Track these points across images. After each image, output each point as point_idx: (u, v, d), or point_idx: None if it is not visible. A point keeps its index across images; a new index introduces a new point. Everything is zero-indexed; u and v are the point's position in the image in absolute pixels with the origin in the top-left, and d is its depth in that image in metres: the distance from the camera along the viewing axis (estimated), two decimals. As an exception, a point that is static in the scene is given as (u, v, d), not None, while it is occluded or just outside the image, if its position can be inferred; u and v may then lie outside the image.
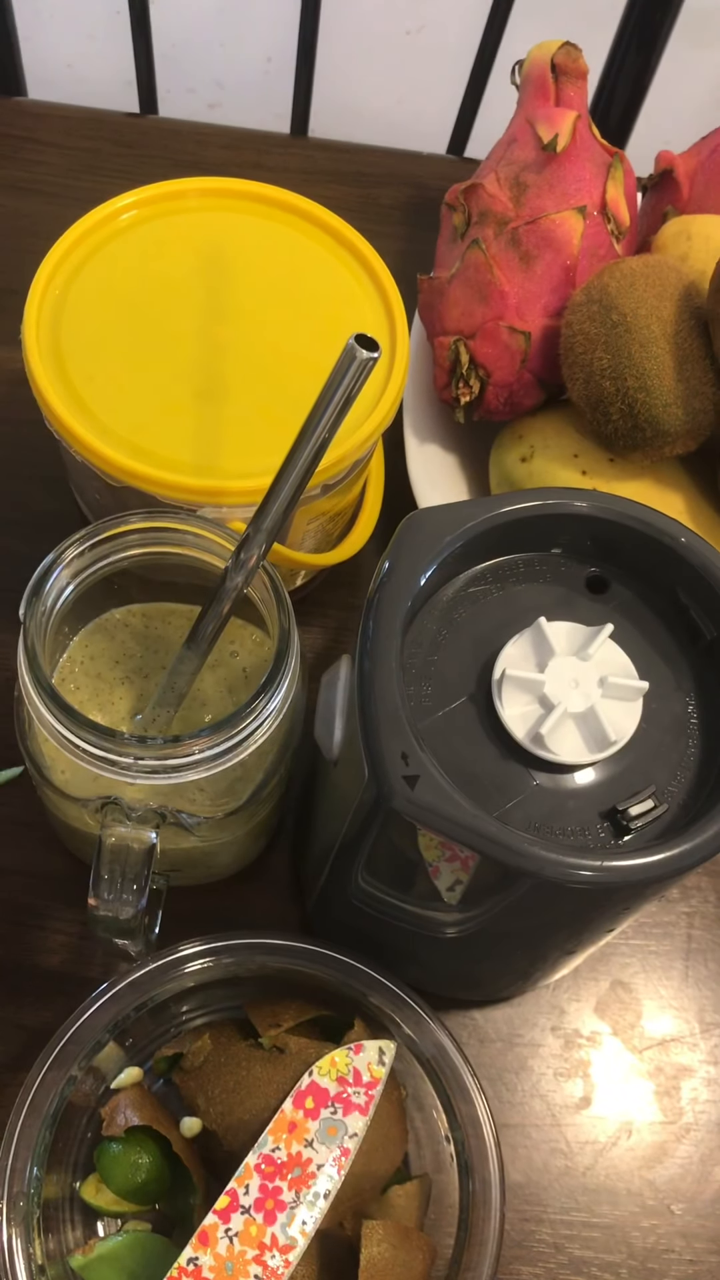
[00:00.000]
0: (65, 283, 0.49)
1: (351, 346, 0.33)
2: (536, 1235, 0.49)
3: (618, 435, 0.52)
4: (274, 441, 0.44)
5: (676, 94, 0.83)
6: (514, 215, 0.55)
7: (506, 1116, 0.50)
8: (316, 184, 0.72)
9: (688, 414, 0.50)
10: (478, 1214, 0.41)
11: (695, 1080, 0.52)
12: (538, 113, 0.57)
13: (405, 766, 0.34)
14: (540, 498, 0.40)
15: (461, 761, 0.37)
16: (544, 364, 0.55)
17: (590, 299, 0.52)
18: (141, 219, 0.52)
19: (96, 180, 0.71)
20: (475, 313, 0.55)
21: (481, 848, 0.34)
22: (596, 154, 0.56)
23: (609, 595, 0.41)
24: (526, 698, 0.37)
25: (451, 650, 0.39)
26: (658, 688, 0.39)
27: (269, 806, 0.47)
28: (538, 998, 0.53)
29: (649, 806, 0.37)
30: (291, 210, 0.53)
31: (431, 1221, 0.45)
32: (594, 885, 0.34)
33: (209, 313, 0.50)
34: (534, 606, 0.39)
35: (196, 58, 1.12)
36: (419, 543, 0.38)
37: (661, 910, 0.55)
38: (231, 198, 0.53)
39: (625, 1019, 0.53)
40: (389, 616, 0.37)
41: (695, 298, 0.51)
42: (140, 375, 0.48)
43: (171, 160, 0.73)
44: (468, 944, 0.42)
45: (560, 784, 0.37)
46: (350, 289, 0.51)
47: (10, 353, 0.50)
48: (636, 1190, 0.50)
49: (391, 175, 0.74)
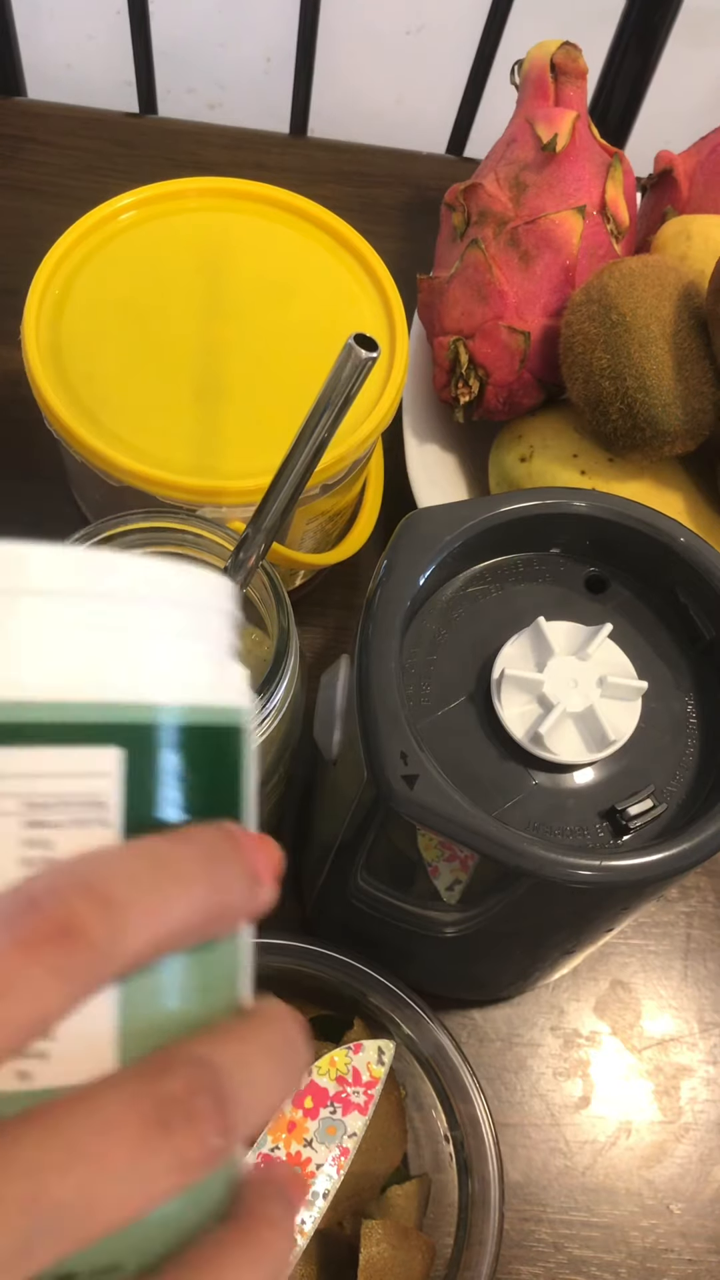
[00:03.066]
0: (65, 283, 0.49)
1: (351, 346, 0.33)
2: (536, 1235, 0.49)
3: (617, 435, 0.52)
4: (273, 441, 0.44)
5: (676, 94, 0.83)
6: (513, 215, 0.55)
7: (506, 1116, 0.50)
8: (316, 184, 0.72)
9: (687, 414, 0.50)
10: (477, 1214, 0.41)
11: (694, 1080, 0.52)
12: (537, 112, 0.57)
13: (404, 766, 0.34)
14: (539, 498, 0.40)
15: (460, 761, 0.37)
16: (543, 364, 0.55)
17: (590, 299, 0.52)
18: (141, 219, 0.52)
19: (96, 180, 0.71)
20: (475, 312, 0.55)
21: (481, 847, 0.34)
22: (596, 154, 0.56)
23: (608, 595, 0.41)
24: (525, 697, 0.37)
25: (451, 650, 0.39)
26: (657, 687, 0.39)
27: (268, 806, 0.47)
28: (537, 997, 0.53)
29: (648, 806, 0.37)
30: (291, 210, 0.53)
31: (431, 1221, 0.45)
32: (593, 885, 0.34)
33: (208, 312, 0.50)
34: (533, 606, 0.39)
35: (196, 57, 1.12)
36: (418, 542, 0.38)
37: (660, 910, 0.55)
38: (231, 198, 0.53)
39: (624, 1019, 0.53)
40: (388, 616, 0.37)
41: (694, 297, 0.51)
42: (140, 375, 0.48)
43: (171, 160, 0.73)
44: (467, 944, 0.42)
45: (559, 784, 0.37)
46: (350, 289, 0.51)
47: (10, 352, 0.50)
48: (636, 1190, 0.50)
49: (391, 175, 0.74)
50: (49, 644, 0.21)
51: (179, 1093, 0.20)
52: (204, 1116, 0.20)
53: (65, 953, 0.19)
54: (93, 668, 0.21)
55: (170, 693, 0.22)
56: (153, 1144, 0.19)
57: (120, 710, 0.21)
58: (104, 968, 0.19)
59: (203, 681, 0.23)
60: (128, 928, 0.20)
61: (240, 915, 0.22)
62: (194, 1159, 0.20)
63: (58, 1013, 0.19)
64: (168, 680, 0.22)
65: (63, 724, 0.21)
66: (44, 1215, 0.19)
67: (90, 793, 0.21)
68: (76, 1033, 0.20)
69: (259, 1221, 0.22)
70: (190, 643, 0.23)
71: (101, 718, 0.21)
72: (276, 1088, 0.22)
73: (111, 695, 0.21)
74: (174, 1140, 0.20)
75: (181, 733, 0.22)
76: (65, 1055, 0.20)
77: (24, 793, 0.20)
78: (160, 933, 0.20)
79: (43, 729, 0.20)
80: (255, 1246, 0.22)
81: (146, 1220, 0.20)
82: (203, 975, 0.22)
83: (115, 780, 0.21)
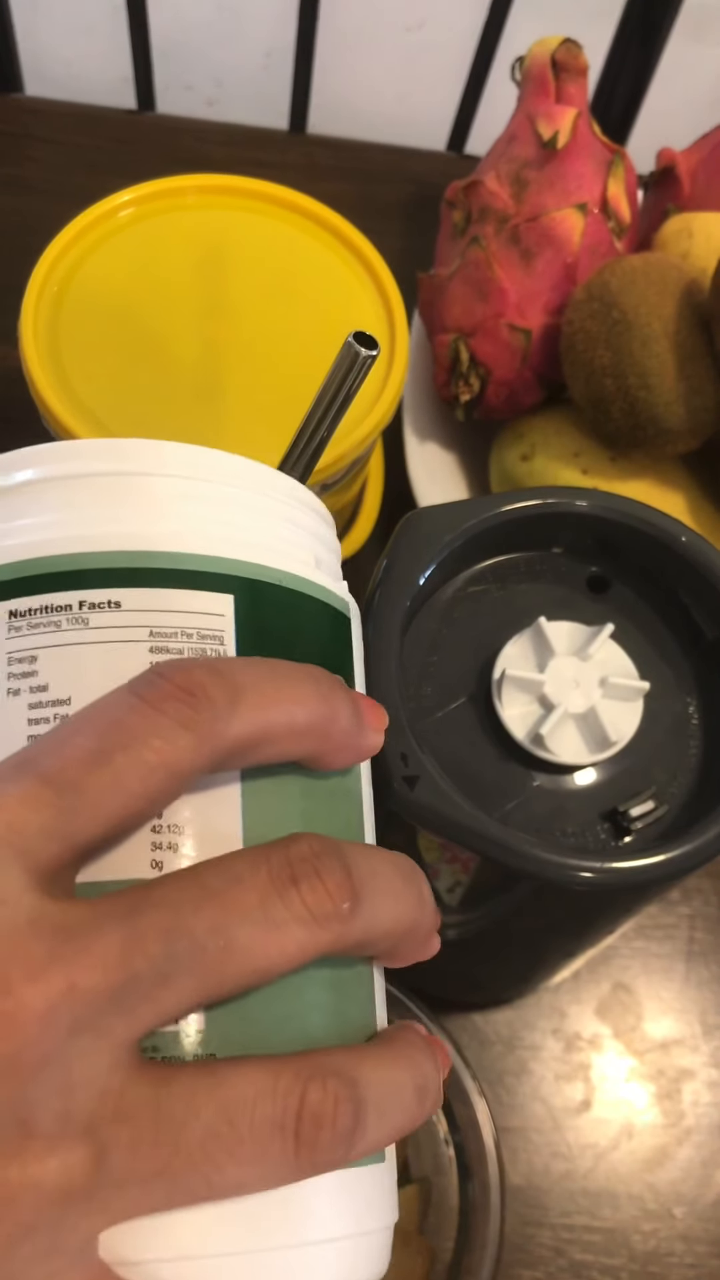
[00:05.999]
0: (63, 281, 0.49)
1: (350, 344, 0.33)
2: (537, 1239, 0.48)
3: (619, 434, 0.51)
4: (272, 439, 0.43)
5: (677, 90, 0.82)
6: (514, 212, 0.55)
7: (507, 1119, 0.50)
8: (316, 181, 0.72)
9: (689, 412, 0.50)
10: (478, 1217, 0.41)
11: (696, 1083, 0.51)
12: (538, 109, 0.56)
13: (405, 767, 0.34)
14: (541, 496, 0.39)
15: (461, 762, 0.37)
16: (544, 362, 0.55)
17: (591, 296, 0.52)
18: (139, 216, 0.51)
19: (94, 177, 0.71)
20: (475, 310, 0.55)
21: (481, 849, 0.34)
22: (597, 151, 0.56)
23: (610, 595, 0.40)
24: (526, 698, 0.37)
25: (451, 650, 0.39)
26: (658, 688, 0.38)
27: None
28: (538, 1000, 0.52)
29: (650, 807, 0.37)
30: (290, 207, 0.52)
31: (431, 1225, 0.45)
32: (594, 887, 0.34)
33: (207, 311, 0.50)
34: (534, 606, 0.39)
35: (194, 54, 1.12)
36: (418, 542, 0.38)
37: (662, 912, 0.54)
38: (230, 195, 0.52)
39: (626, 1021, 0.52)
40: (388, 616, 0.37)
41: (696, 295, 0.51)
42: (138, 373, 0.48)
43: (170, 157, 0.72)
44: (467, 946, 0.42)
45: (560, 785, 0.37)
46: (349, 286, 0.51)
47: (7, 351, 0.50)
48: (637, 1193, 0.49)
49: (391, 172, 0.74)
50: (175, 509, 0.25)
51: (305, 853, 0.21)
52: (329, 873, 0.21)
53: (190, 708, 0.21)
54: (209, 530, 0.25)
55: (276, 560, 0.26)
56: (283, 891, 0.21)
57: (231, 564, 0.25)
58: (225, 729, 0.21)
59: (302, 562, 0.27)
60: (245, 700, 0.22)
61: (348, 748, 0.24)
62: (322, 914, 0.21)
63: (188, 765, 0.21)
64: (273, 551, 0.26)
65: (182, 571, 0.24)
66: (180, 943, 0.20)
67: (208, 627, 0.24)
68: (204, 828, 0.23)
69: (406, 1045, 0.23)
70: (291, 530, 0.27)
71: (215, 568, 0.25)
72: (399, 889, 0.23)
73: (225, 551, 0.25)
74: (301, 891, 0.21)
75: (286, 594, 0.26)
76: (195, 847, 0.22)
77: (151, 625, 0.24)
78: (275, 720, 0.22)
79: (166, 574, 0.24)
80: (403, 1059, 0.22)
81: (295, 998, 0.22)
82: (326, 798, 0.25)
83: (229, 620, 0.25)
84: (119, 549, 0.24)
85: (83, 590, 0.24)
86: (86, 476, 0.26)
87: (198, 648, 0.24)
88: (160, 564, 0.24)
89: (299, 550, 0.27)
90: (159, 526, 0.25)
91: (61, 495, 0.25)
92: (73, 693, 0.23)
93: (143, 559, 0.24)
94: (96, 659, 0.23)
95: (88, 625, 0.24)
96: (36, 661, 0.24)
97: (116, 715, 0.21)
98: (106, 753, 0.20)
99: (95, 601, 0.24)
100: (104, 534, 0.24)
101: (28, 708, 0.23)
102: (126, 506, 0.25)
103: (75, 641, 0.24)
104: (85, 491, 0.25)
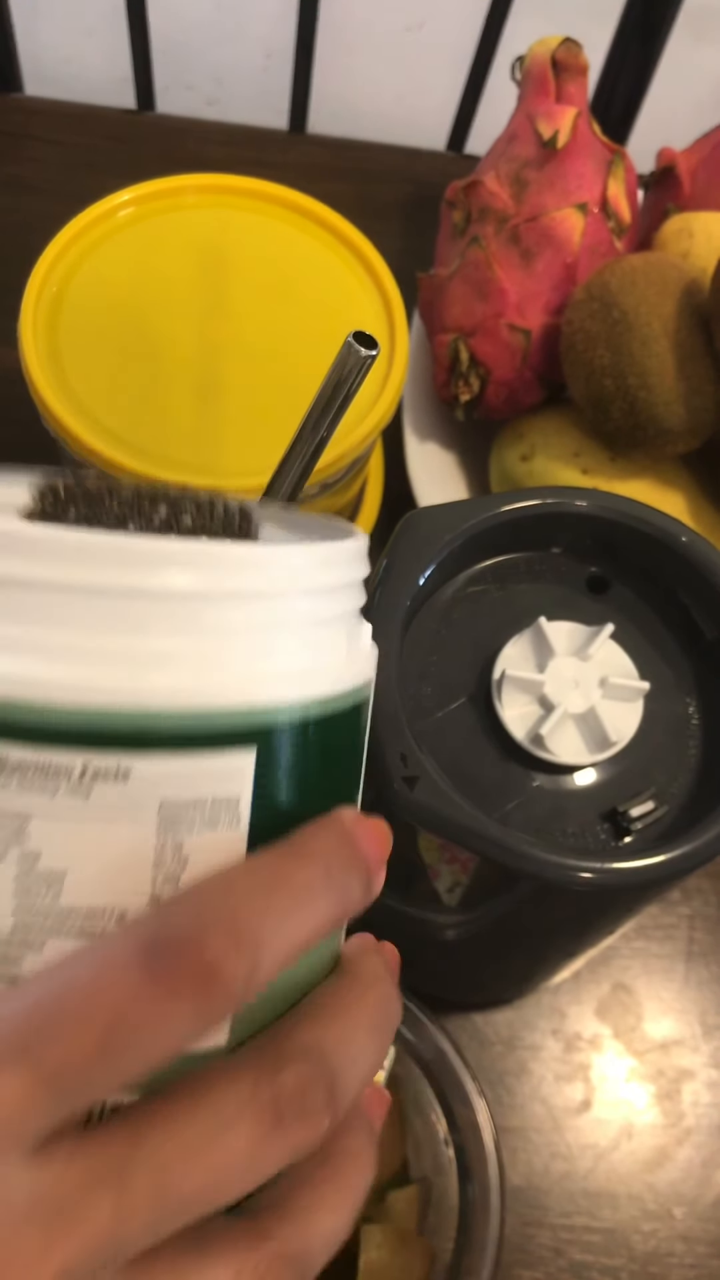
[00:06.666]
0: (62, 281, 0.49)
1: (350, 344, 0.33)
2: (537, 1239, 0.48)
3: (619, 433, 0.51)
4: (272, 439, 0.43)
5: (678, 90, 0.82)
6: (514, 212, 0.55)
7: (506, 1120, 0.50)
8: (315, 181, 0.71)
9: (689, 412, 0.50)
10: (477, 1218, 0.41)
11: (696, 1083, 0.51)
12: (538, 109, 0.56)
13: (404, 768, 0.34)
14: (541, 496, 0.39)
15: (461, 763, 0.37)
16: (544, 362, 0.55)
17: (591, 296, 0.51)
18: (139, 216, 0.51)
19: (93, 177, 0.70)
20: (475, 310, 0.55)
21: (481, 849, 0.34)
22: (597, 151, 0.56)
23: (609, 595, 0.40)
24: (526, 698, 0.37)
25: (451, 650, 0.39)
26: (658, 688, 0.38)
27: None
28: (538, 1000, 0.52)
29: (649, 808, 0.37)
30: (290, 207, 0.52)
31: (431, 1226, 0.45)
32: (594, 887, 0.34)
33: (207, 310, 0.49)
34: (534, 606, 0.39)
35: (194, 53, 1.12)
36: (418, 542, 0.38)
37: (662, 912, 0.54)
38: (230, 194, 0.52)
39: (626, 1022, 0.52)
40: (388, 616, 0.37)
41: (697, 295, 0.51)
42: (138, 373, 0.48)
43: (169, 157, 0.72)
44: (467, 946, 0.42)
45: (560, 785, 0.37)
46: (349, 286, 0.51)
47: (7, 351, 0.50)
48: (637, 1194, 0.49)
49: (391, 172, 0.73)
50: (181, 650, 0.21)
51: (292, 1089, 0.21)
52: (315, 1109, 0.21)
53: (205, 996, 0.20)
54: (234, 666, 0.22)
55: (302, 688, 0.23)
56: (270, 1134, 0.21)
57: (256, 715, 0.22)
58: (238, 1002, 0.21)
59: (333, 666, 0.23)
60: (262, 964, 0.21)
61: (357, 910, 0.24)
62: (307, 1147, 0.21)
63: (191, 1045, 0.20)
64: (300, 677, 0.23)
65: (202, 732, 0.21)
66: (170, 1204, 0.20)
67: (223, 795, 0.22)
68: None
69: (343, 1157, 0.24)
70: (321, 629, 0.23)
71: (238, 724, 0.22)
72: (375, 1058, 0.23)
73: (250, 695, 0.22)
74: (289, 1134, 0.21)
75: (309, 727, 0.23)
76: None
77: (162, 798, 0.21)
78: (291, 955, 0.22)
79: (183, 737, 0.21)
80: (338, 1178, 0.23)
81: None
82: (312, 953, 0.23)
83: (247, 780, 0.22)
84: (132, 708, 0.21)
85: (87, 752, 0.21)
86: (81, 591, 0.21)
87: (210, 819, 0.21)
88: (177, 727, 0.21)
89: (327, 652, 0.23)
90: (178, 675, 0.21)
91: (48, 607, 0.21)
92: (69, 866, 0.21)
93: (158, 720, 0.21)
94: (98, 834, 0.21)
95: (89, 798, 0.21)
96: (30, 823, 0.21)
97: (124, 997, 0.20)
98: (113, 1050, 0.19)
99: (101, 769, 0.21)
100: (113, 686, 0.21)
101: (13, 879, 0.21)
102: (134, 636, 0.21)
103: (74, 817, 0.21)
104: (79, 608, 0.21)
